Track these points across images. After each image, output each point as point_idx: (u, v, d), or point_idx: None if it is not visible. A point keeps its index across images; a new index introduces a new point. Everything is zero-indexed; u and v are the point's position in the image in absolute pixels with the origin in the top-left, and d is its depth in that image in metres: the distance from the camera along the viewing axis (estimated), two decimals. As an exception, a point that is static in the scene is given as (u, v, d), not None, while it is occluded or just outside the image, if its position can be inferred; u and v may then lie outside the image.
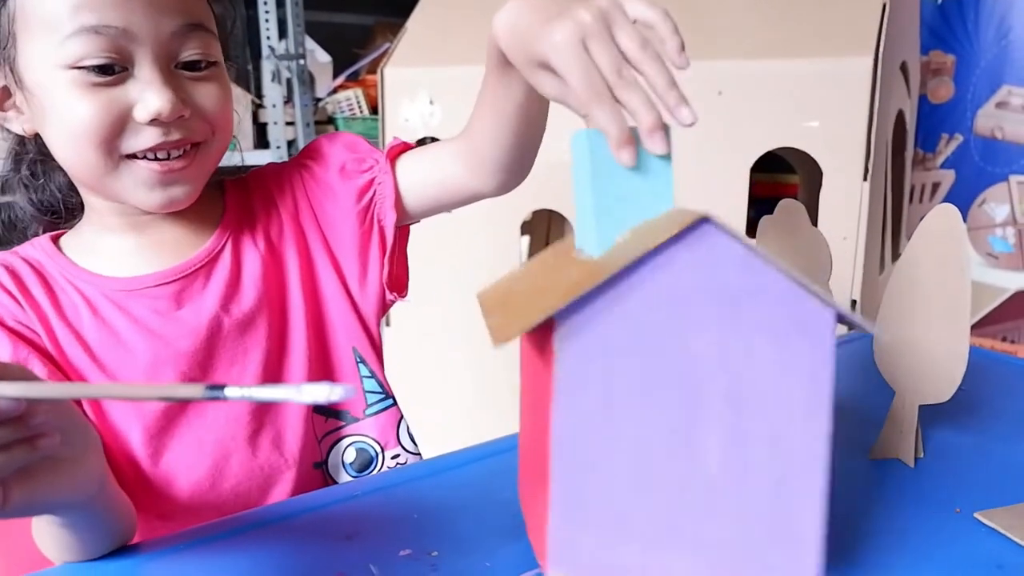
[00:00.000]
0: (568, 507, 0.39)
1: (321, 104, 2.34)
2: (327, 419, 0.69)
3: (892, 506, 0.55)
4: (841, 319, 0.40)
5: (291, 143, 2.20)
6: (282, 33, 2.16)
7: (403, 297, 0.74)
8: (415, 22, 1.81)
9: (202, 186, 0.63)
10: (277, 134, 2.14)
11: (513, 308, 0.42)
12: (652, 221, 0.41)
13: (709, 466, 0.40)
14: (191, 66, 0.59)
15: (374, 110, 2.34)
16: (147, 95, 0.56)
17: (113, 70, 0.55)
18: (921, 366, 0.59)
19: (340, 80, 2.43)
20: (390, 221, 0.70)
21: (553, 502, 0.39)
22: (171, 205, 0.61)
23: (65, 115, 0.56)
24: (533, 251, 2.04)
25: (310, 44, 2.36)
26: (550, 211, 1.62)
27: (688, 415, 0.39)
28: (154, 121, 0.56)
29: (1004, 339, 2.05)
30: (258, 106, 2.19)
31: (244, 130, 2.00)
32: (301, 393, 0.34)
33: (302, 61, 2.15)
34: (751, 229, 1.32)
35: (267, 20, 2.11)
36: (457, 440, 0.72)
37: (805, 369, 0.39)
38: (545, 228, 2.03)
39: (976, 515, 0.54)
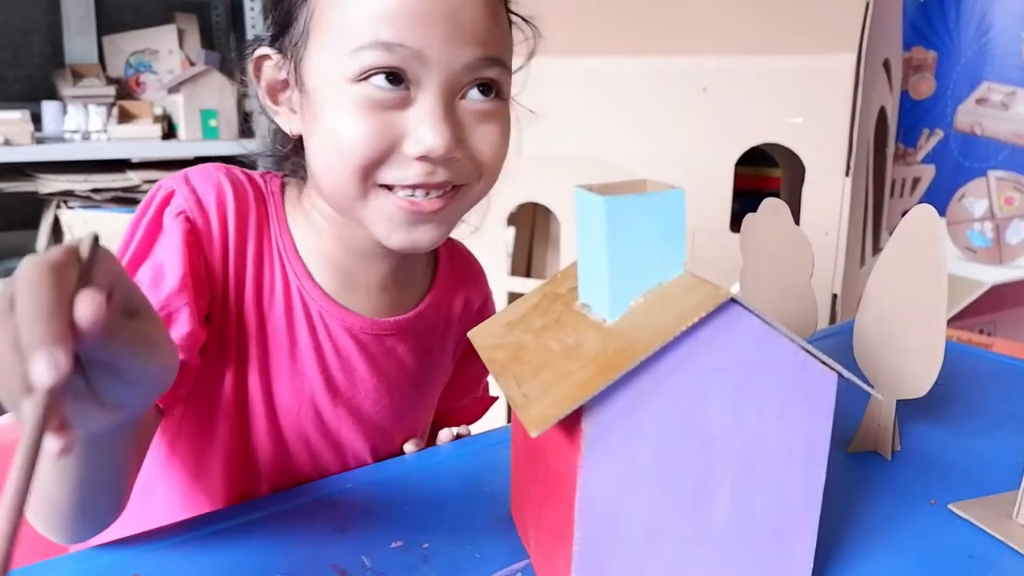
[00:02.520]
0: (589, 565, 0.41)
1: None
2: None
3: (869, 498, 0.57)
4: (840, 377, 0.42)
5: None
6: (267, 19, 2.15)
7: None
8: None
9: (448, 234, 0.59)
10: (263, 123, 2.13)
11: (538, 385, 0.40)
12: (667, 288, 0.41)
13: (717, 520, 0.43)
14: (480, 89, 0.55)
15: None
16: (422, 129, 0.52)
17: (397, 83, 0.52)
18: (899, 362, 0.60)
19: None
20: None
21: (576, 561, 0.41)
22: (412, 248, 0.57)
23: (335, 129, 0.53)
24: (519, 243, 2.05)
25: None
26: (535, 204, 1.62)
27: (701, 477, 0.41)
28: (423, 158, 0.53)
29: (981, 332, 2.09)
30: (243, 95, 2.18)
31: (230, 119, 1.99)
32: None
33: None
34: (734, 222, 1.33)
35: (252, 6, 2.09)
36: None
37: (807, 427, 0.42)
38: (530, 220, 2.04)
39: (950, 506, 0.55)
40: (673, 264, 0.42)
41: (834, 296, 1.31)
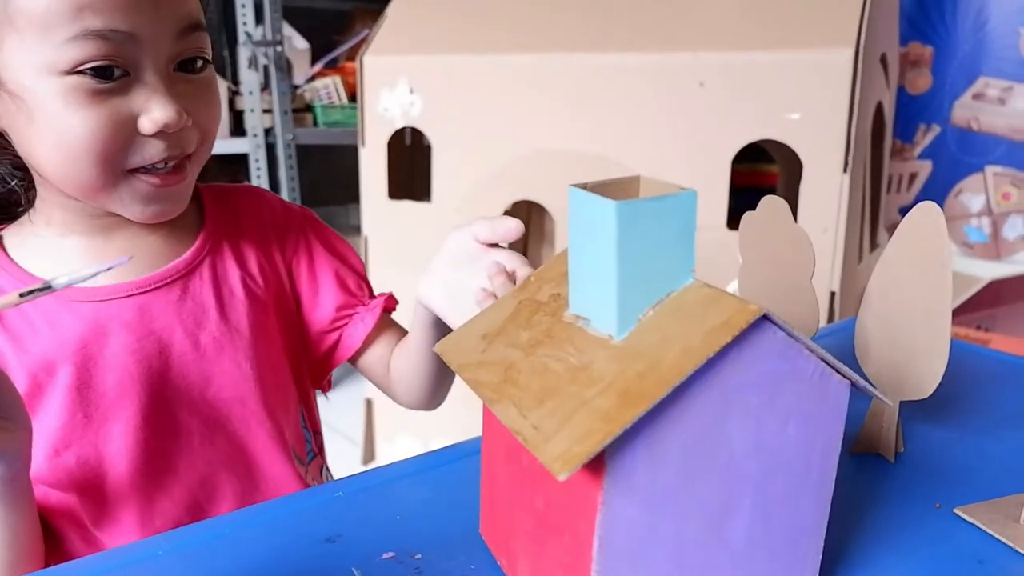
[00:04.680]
0: None
1: (299, 91, 2.31)
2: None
3: (873, 502, 0.56)
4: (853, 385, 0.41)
5: (268, 131, 2.17)
6: (259, 19, 2.13)
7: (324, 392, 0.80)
8: (394, 9, 1.79)
9: (190, 193, 0.61)
10: (254, 121, 2.12)
11: (549, 415, 0.37)
12: (678, 299, 0.38)
13: (737, 540, 0.41)
14: (188, 66, 0.57)
15: (352, 98, 2.31)
16: (152, 105, 0.53)
17: (114, 75, 0.52)
18: (902, 362, 0.59)
19: (318, 67, 2.40)
20: (343, 353, 0.74)
21: None
22: (163, 216, 0.59)
23: (60, 127, 0.52)
24: (513, 241, 2.04)
25: (288, 30, 2.33)
26: (530, 201, 1.61)
27: (723, 498, 0.40)
28: (159, 133, 0.54)
29: (978, 327, 2.08)
30: (234, 93, 2.17)
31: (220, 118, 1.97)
32: (99, 267, 0.43)
33: (279, 47, 2.13)
34: (731, 219, 1.32)
35: (244, 5, 2.07)
36: (441, 436, 0.72)
37: (823, 438, 0.41)
38: (525, 218, 2.03)
39: (956, 510, 0.54)
40: (683, 272, 0.39)
41: (832, 293, 1.30)
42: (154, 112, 0.53)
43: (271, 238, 0.71)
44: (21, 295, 0.43)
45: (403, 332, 0.76)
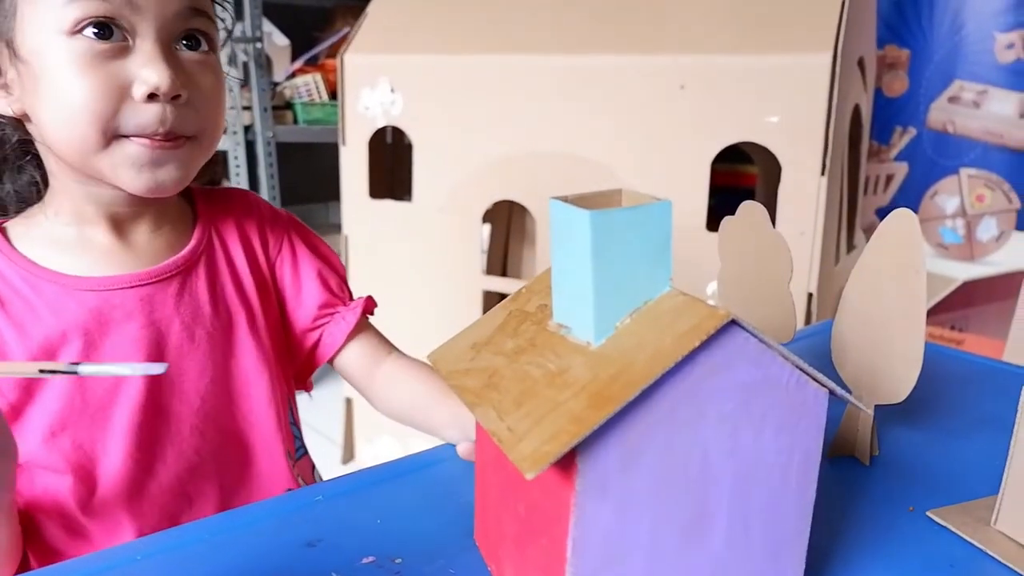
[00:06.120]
0: None
1: (279, 88, 2.30)
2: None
3: (847, 504, 0.56)
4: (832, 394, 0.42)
5: (248, 128, 2.16)
6: (239, 14, 2.11)
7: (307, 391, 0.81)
8: (375, 8, 1.79)
9: (189, 179, 0.62)
10: (233, 119, 2.11)
11: (524, 417, 0.38)
12: (655, 306, 0.39)
13: (715, 545, 0.41)
14: (191, 44, 0.59)
15: (333, 95, 2.31)
16: (146, 71, 0.56)
17: (112, 33, 0.55)
18: (878, 367, 0.60)
19: (298, 64, 2.39)
20: (325, 351, 0.75)
21: None
22: (158, 189, 0.60)
23: (62, 89, 0.55)
24: (494, 240, 2.04)
25: (268, 26, 2.32)
26: (511, 201, 1.61)
27: (699, 503, 0.40)
28: (152, 98, 0.56)
29: (952, 328, 2.11)
30: (214, 90, 2.15)
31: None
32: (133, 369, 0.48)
33: (259, 44, 2.11)
34: (710, 219, 1.33)
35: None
36: (421, 437, 0.72)
37: (802, 445, 0.42)
38: (506, 217, 2.03)
39: (929, 513, 0.55)
40: (660, 281, 0.39)
41: (809, 295, 1.31)
42: (146, 75, 0.56)
43: (258, 238, 0.72)
44: (41, 371, 0.46)
45: (380, 336, 0.77)
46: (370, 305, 0.76)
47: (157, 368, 0.45)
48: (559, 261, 0.41)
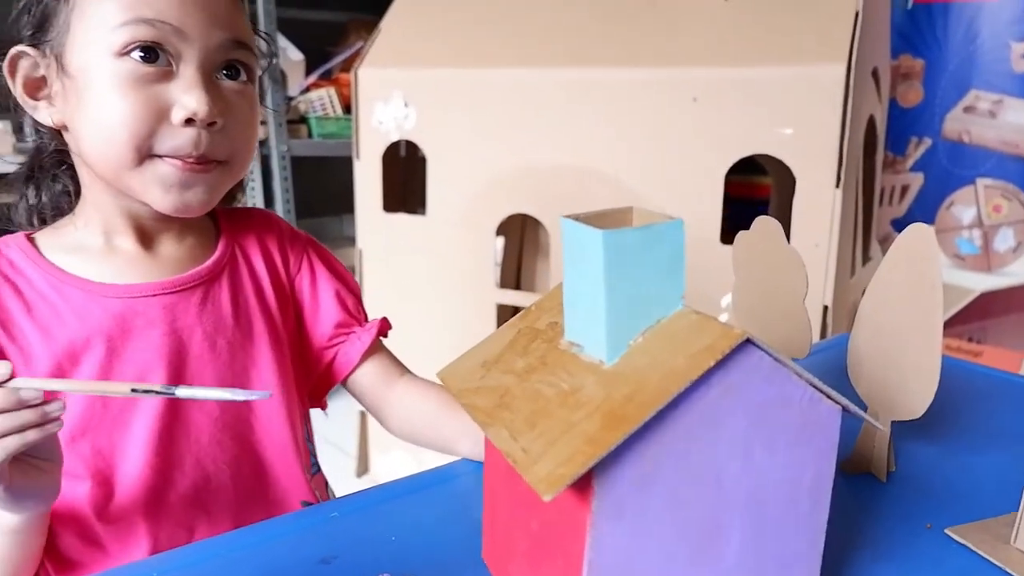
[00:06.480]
0: None
1: (293, 103, 2.31)
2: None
3: (863, 522, 0.56)
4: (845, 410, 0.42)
5: (263, 142, 2.18)
6: (254, 30, 2.13)
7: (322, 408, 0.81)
8: (390, 22, 1.80)
9: (214, 202, 0.64)
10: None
11: (537, 438, 0.37)
12: (667, 325, 0.39)
13: (728, 563, 0.41)
14: (230, 73, 0.62)
15: (347, 109, 2.32)
16: (186, 96, 0.58)
17: (158, 57, 0.57)
18: (894, 382, 0.60)
19: (313, 78, 2.40)
20: (341, 370, 0.76)
21: None
22: (184, 210, 0.62)
23: (104, 106, 0.57)
24: (508, 254, 2.04)
25: (282, 41, 2.34)
26: (524, 215, 1.61)
27: (713, 521, 0.40)
28: (189, 122, 0.58)
29: (970, 339, 2.09)
30: (229, 104, 2.16)
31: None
32: (235, 394, 0.48)
33: (274, 59, 2.13)
34: (724, 231, 1.33)
35: (238, 18, 2.07)
36: (435, 451, 0.72)
37: (814, 462, 0.42)
38: (520, 230, 2.03)
39: (947, 531, 0.54)
40: (672, 299, 0.39)
41: (825, 308, 1.30)
42: (186, 101, 0.58)
43: (279, 255, 0.74)
44: (134, 390, 0.49)
45: (393, 358, 0.78)
46: (385, 327, 0.77)
47: (261, 394, 0.48)
48: (571, 279, 0.41)
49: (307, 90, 2.36)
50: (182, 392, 0.49)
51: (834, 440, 0.42)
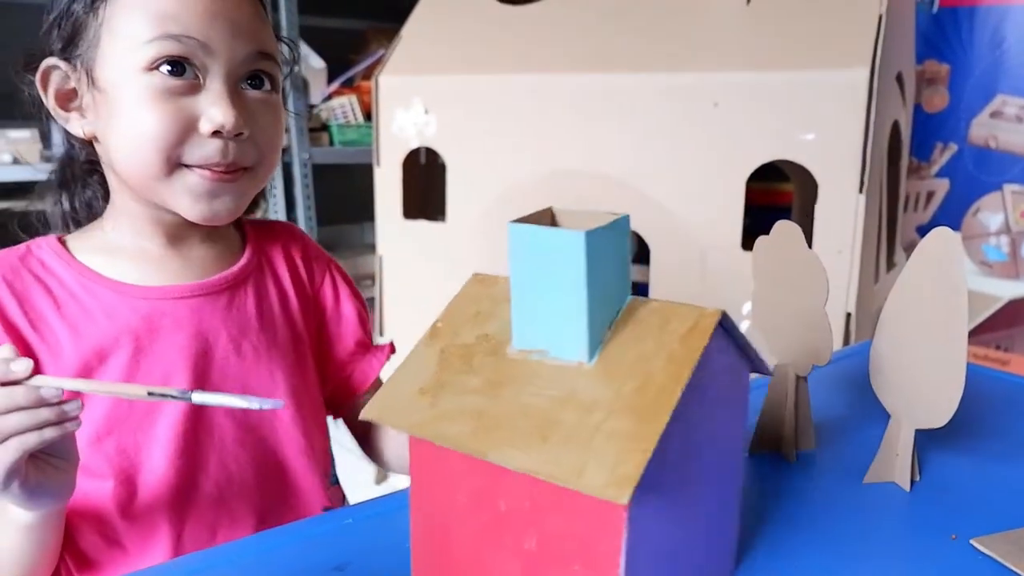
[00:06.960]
0: None
1: (315, 111, 2.33)
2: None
3: (887, 532, 0.55)
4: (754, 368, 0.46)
5: (284, 149, 2.19)
6: (276, 37, 2.15)
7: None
8: (409, 30, 1.81)
9: (241, 210, 0.66)
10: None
11: (562, 448, 0.36)
12: (628, 315, 0.41)
13: (701, 519, 0.44)
14: (255, 83, 0.63)
15: (368, 116, 2.33)
16: (213, 109, 0.59)
17: (185, 71, 0.59)
18: (917, 390, 0.58)
19: (334, 86, 2.42)
20: (359, 385, 0.78)
21: None
22: (213, 218, 0.63)
23: (133, 119, 0.59)
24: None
25: (304, 49, 2.35)
26: (545, 220, 1.61)
27: (700, 484, 0.42)
28: (216, 134, 0.60)
29: (997, 347, 2.06)
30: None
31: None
32: (250, 402, 0.48)
33: (296, 67, 2.15)
34: (746, 238, 1.32)
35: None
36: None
37: (741, 419, 0.47)
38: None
39: (972, 541, 0.53)
40: (623, 291, 0.41)
41: (848, 314, 1.29)
42: (213, 114, 0.59)
43: (303, 266, 0.76)
44: (150, 394, 0.50)
45: None
46: (390, 351, 0.80)
47: (274, 403, 0.48)
48: (526, 286, 0.40)
49: (329, 98, 2.38)
50: (197, 398, 0.49)
51: (747, 393, 0.46)
